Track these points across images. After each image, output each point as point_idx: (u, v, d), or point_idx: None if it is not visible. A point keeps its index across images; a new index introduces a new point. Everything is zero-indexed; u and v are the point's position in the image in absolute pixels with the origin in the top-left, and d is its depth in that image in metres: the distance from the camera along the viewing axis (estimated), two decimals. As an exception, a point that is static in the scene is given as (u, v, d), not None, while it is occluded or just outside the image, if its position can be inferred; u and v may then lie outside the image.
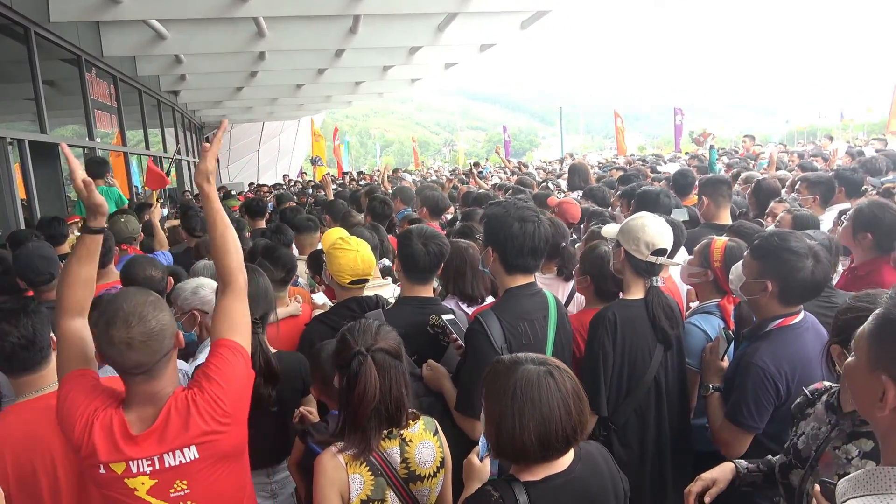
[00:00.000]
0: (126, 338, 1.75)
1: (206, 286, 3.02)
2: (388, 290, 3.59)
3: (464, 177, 13.04)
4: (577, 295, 3.60)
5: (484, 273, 3.01)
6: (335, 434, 2.03)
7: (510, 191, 7.01)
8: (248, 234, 5.55)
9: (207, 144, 2.04)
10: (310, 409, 2.68)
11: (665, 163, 11.53)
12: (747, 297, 2.51)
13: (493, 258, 2.57)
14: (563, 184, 8.22)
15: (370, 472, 1.98)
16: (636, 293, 2.71)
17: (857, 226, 3.31)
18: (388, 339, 2.05)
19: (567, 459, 1.79)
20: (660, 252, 2.65)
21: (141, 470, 1.81)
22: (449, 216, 6.17)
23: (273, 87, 16.83)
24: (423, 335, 2.70)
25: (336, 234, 3.26)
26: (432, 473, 2.09)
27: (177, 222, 6.64)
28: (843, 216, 3.62)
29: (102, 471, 1.81)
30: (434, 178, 15.74)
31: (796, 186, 4.91)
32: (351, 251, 2.98)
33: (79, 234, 2.09)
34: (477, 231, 3.81)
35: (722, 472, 2.05)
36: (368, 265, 3.01)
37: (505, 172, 14.53)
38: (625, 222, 2.78)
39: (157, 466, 1.82)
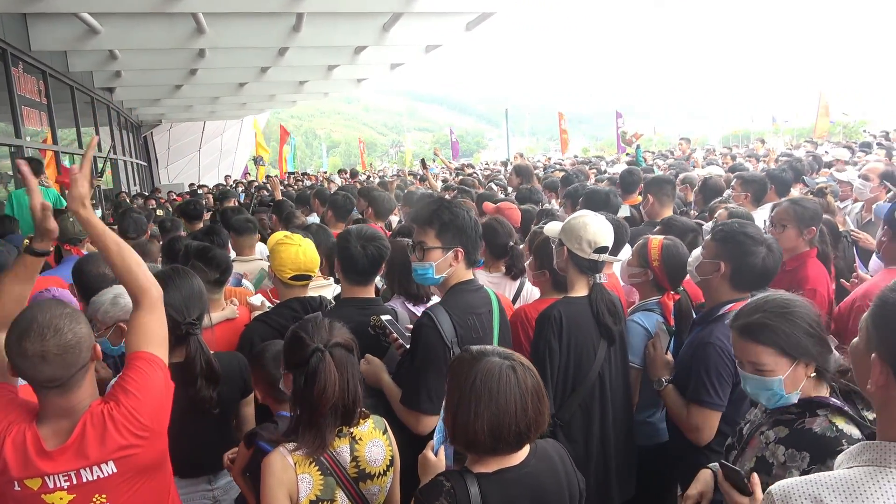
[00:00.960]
0: (40, 350, 1.69)
1: (124, 294, 2.89)
2: (330, 291, 3.55)
3: (411, 178, 13.01)
4: (524, 293, 3.64)
5: None
6: (287, 434, 2.00)
7: (455, 191, 7.03)
8: (182, 234, 5.42)
9: (76, 167, 1.95)
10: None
11: (608, 164, 11.80)
12: (701, 277, 2.64)
13: (459, 258, 2.55)
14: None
15: (319, 472, 1.96)
16: (580, 290, 2.75)
17: (785, 223, 3.45)
18: (342, 333, 2.04)
19: (522, 454, 1.81)
20: (601, 250, 2.70)
21: (58, 485, 1.77)
22: (395, 217, 6.14)
23: (214, 85, 16.42)
24: (364, 336, 2.66)
25: (286, 233, 3.21)
26: (382, 472, 2.09)
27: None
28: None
29: (17, 487, 1.75)
30: (380, 178, 15.66)
31: (731, 184, 5.11)
32: (293, 246, 2.94)
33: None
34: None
35: (705, 484, 2.07)
36: (311, 261, 2.97)
37: (448, 174, 14.60)
38: (566, 221, 2.82)
39: (75, 482, 1.78)
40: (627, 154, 11.69)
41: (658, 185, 4.62)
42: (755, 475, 1.77)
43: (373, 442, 2.08)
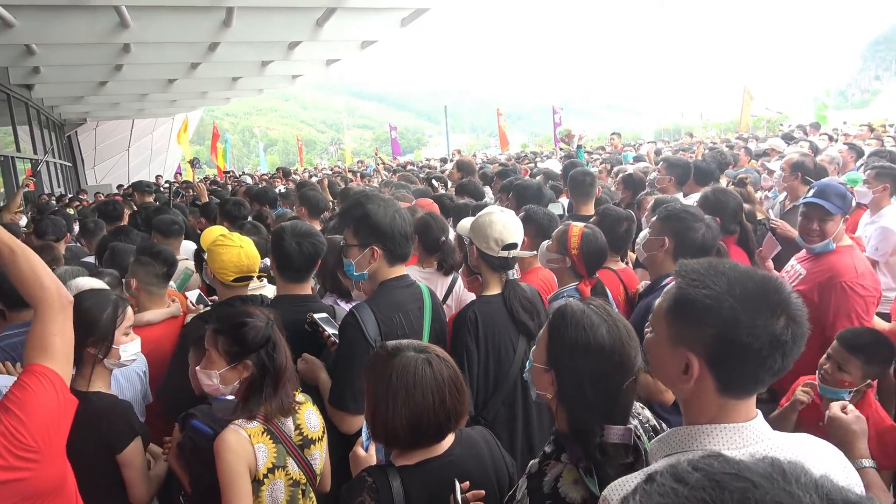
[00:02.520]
0: None
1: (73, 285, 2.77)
2: (270, 290, 3.48)
3: (350, 175, 12.90)
4: (457, 289, 3.65)
5: None
6: (238, 410, 2.10)
7: (393, 187, 7.02)
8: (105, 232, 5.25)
9: None
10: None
11: (543, 159, 12.01)
12: (647, 253, 2.79)
13: (377, 255, 2.53)
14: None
15: (272, 441, 2.08)
16: (494, 288, 2.74)
17: (706, 210, 3.59)
18: (271, 314, 2.24)
19: (446, 444, 1.83)
20: (510, 247, 2.70)
21: None
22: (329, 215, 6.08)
23: (142, 81, 15.83)
24: (300, 334, 2.63)
25: (217, 231, 3.11)
26: (320, 437, 2.23)
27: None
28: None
29: None
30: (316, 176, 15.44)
31: (658, 166, 5.29)
32: (234, 247, 2.84)
33: None
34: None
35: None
36: (253, 261, 2.89)
37: (388, 170, 14.54)
38: (473, 220, 2.81)
39: None
40: (562, 150, 11.94)
41: (579, 183, 4.71)
42: None
43: (308, 411, 2.24)
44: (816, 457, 1.28)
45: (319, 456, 2.22)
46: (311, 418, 2.23)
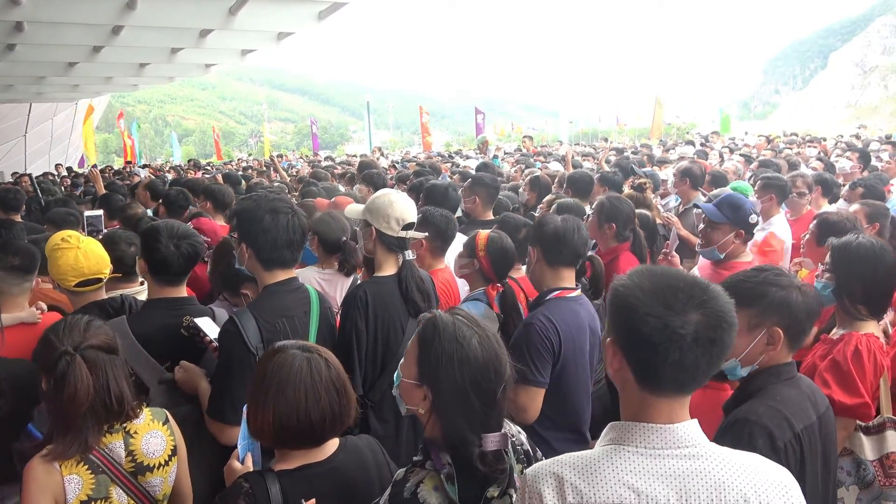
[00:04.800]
0: None
1: None
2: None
3: (264, 168, 12.54)
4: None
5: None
6: (47, 437, 1.91)
7: (306, 182, 6.91)
8: None
9: None
10: None
11: (464, 158, 12.09)
12: (529, 271, 2.79)
13: (247, 255, 2.46)
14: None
15: (89, 471, 1.90)
16: (389, 269, 2.76)
17: (602, 218, 3.71)
18: (98, 334, 1.96)
19: (329, 449, 1.81)
20: (409, 226, 2.74)
21: None
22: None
23: (38, 63, 14.72)
24: (176, 338, 2.50)
25: (61, 234, 2.87)
26: (163, 463, 2.05)
27: None
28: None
29: None
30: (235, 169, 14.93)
31: (563, 184, 5.42)
32: (71, 249, 2.67)
33: None
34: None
35: None
36: (96, 264, 2.71)
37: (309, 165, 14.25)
38: (370, 201, 2.81)
39: None
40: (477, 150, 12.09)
41: (485, 187, 4.72)
42: None
43: (150, 434, 2.05)
44: (754, 468, 1.31)
45: (162, 481, 2.05)
46: (150, 442, 2.04)
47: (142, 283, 3.22)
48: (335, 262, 3.70)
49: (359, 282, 3.48)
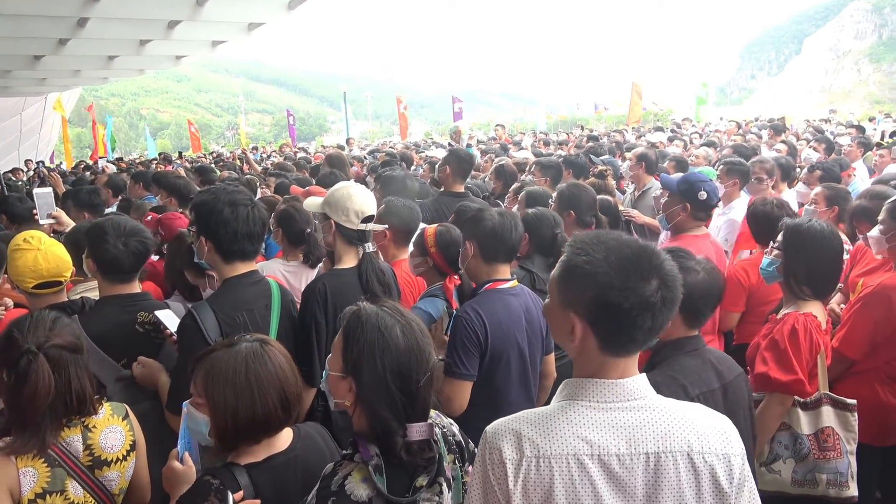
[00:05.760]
0: None
1: None
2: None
3: (237, 161, 12.43)
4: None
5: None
6: (3, 431, 1.91)
7: (273, 176, 6.86)
8: None
9: None
10: None
11: (435, 148, 12.07)
12: (462, 264, 2.78)
13: (207, 248, 2.45)
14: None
15: (45, 465, 1.90)
16: (349, 262, 2.75)
17: (562, 205, 3.75)
18: (63, 333, 1.95)
19: (287, 439, 1.82)
20: (368, 219, 2.73)
21: None
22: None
23: (3, 57, 14.37)
24: (131, 335, 2.50)
25: (26, 235, 2.84)
26: (121, 457, 2.05)
27: None
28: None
29: None
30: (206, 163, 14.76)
31: (531, 169, 5.45)
32: (31, 251, 2.62)
33: None
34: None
35: None
36: (56, 266, 2.66)
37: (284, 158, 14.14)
38: (329, 193, 2.80)
39: None
40: (450, 143, 12.07)
41: (458, 160, 4.79)
42: None
43: (109, 428, 2.05)
44: (697, 418, 1.41)
45: (119, 476, 2.06)
46: (108, 437, 2.04)
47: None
48: (300, 253, 3.70)
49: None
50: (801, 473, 2.51)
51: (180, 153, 26.16)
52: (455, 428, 1.80)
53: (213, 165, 10.69)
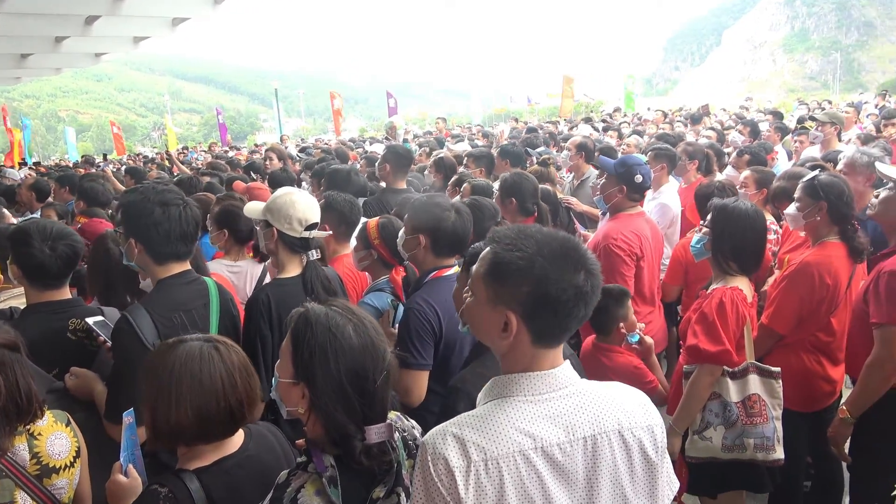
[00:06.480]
0: None
1: None
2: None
3: (165, 162, 12.02)
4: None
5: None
6: None
7: (206, 175, 6.69)
8: None
9: None
10: None
11: (371, 143, 12.00)
12: (408, 252, 2.76)
13: (137, 250, 2.36)
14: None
15: None
16: (292, 271, 2.70)
17: (504, 193, 3.80)
18: (2, 333, 1.86)
19: (238, 440, 1.77)
20: (312, 226, 2.68)
21: None
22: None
23: None
24: (62, 343, 2.39)
25: None
26: (69, 464, 1.97)
27: None
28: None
29: None
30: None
31: (465, 161, 5.52)
32: None
33: None
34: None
35: None
36: None
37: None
38: (271, 200, 2.73)
39: None
40: (386, 138, 12.05)
41: (397, 157, 4.83)
42: None
43: (55, 435, 1.96)
44: (620, 396, 1.45)
45: (67, 483, 1.97)
46: (55, 444, 1.96)
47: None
48: (248, 251, 3.62)
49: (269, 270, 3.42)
50: (730, 439, 2.64)
51: (105, 155, 25.11)
52: (417, 431, 1.74)
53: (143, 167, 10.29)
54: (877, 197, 2.87)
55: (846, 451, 2.83)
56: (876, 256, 2.82)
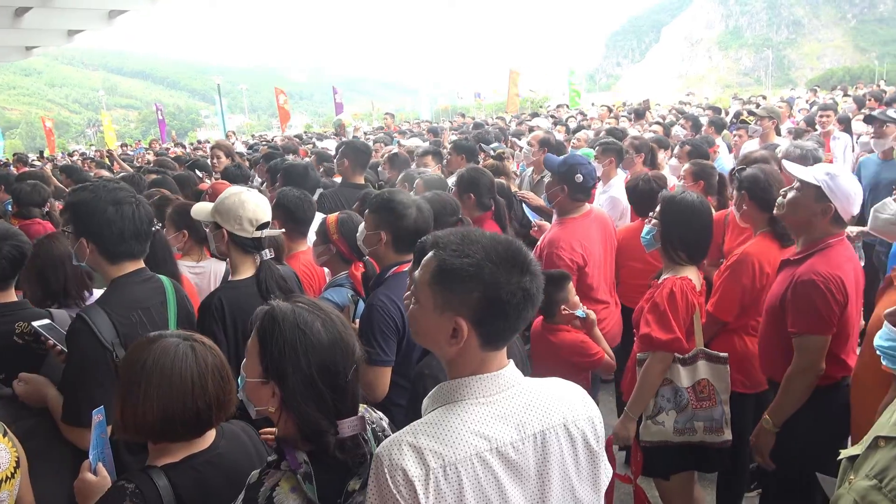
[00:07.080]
0: None
1: None
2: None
3: (105, 160, 11.56)
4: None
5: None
6: None
7: (154, 173, 6.48)
8: None
9: None
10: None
11: (322, 139, 11.87)
12: (369, 248, 2.75)
13: (89, 250, 2.30)
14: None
15: None
16: (246, 272, 2.65)
17: (461, 188, 3.84)
18: None
19: (210, 437, 1.75)
20: (263, 226, 2.63)
21: None
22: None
23: None
24: (8, 348, 2.32)
25: None
26: (10, 475, 1.88)
27: None
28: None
29: None
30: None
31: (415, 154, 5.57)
32: None
33: None
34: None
35: None
36: None
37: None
38: (219, 201, 2.67)
39: None
40: (334, 135, 11.95)
41: (355, 152, 4.84)
42: None
43: None
44: (562, 391, 1.49)
45: (8, 495, 1.89)
46: None
47: None
48: (205, 251, 3.55)
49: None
50: (681, 423, 2.76)
51: (41, 153, 24.05)
52: (385, 422, 1.75)
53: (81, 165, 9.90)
54: (783, 196, 2.71)
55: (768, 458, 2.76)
56: (786, 259, 2.75)
